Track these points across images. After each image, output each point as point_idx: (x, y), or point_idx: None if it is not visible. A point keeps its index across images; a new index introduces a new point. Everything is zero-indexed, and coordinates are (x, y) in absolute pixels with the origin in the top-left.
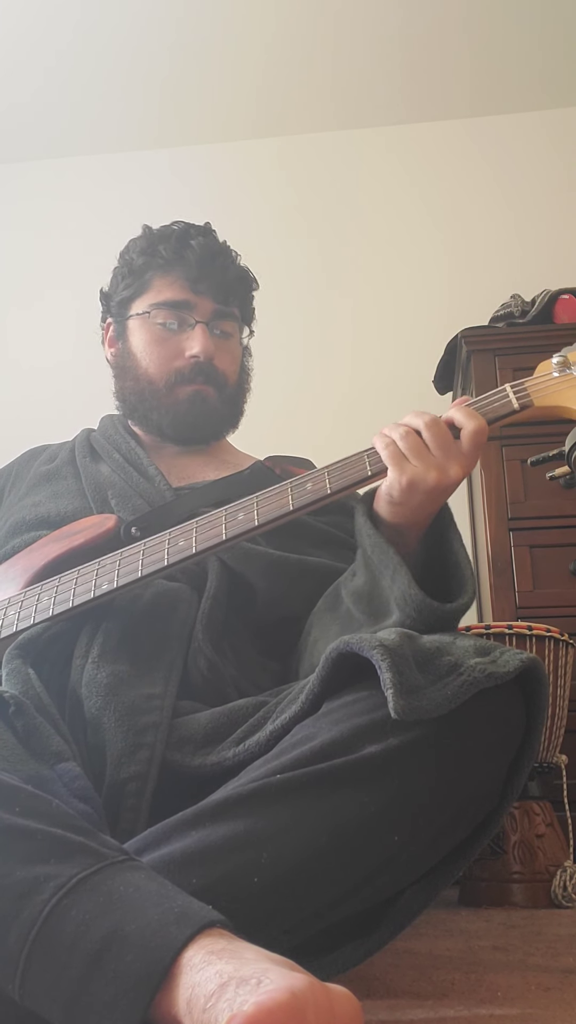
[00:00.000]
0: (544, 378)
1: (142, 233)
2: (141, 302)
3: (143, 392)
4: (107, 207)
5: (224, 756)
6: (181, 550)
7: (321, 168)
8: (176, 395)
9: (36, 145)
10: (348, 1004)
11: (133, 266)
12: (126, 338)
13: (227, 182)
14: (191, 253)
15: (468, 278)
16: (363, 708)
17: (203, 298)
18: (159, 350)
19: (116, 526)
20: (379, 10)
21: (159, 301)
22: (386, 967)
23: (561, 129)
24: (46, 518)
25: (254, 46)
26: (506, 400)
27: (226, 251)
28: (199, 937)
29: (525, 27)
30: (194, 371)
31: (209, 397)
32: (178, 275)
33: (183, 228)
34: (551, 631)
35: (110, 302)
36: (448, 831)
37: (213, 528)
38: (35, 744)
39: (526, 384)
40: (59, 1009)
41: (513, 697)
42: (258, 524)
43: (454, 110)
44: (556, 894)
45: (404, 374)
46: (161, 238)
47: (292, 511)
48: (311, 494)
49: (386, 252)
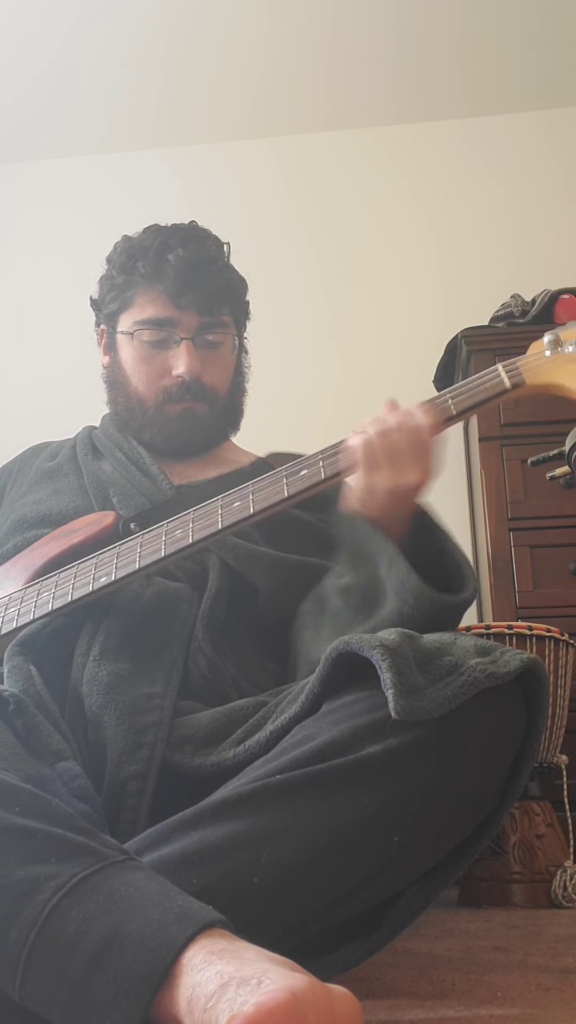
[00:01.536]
0: (536, 356)
1: (122, 244)
2: (127, 318)
3: (134, 410)
4: (105, 206)
5: (224, 756)
6: (177, 540)
7: (319, 168)
8: (166, 413)
9: (32, 145)
10: (348, 1004)
11: (114, 282)
12: (116, 351)
13: (223, 182)
14: (170, 268)
15: (468, 278)
16: (363, 708)
17: (186, 312)
18: (146, 369)
19: (115, 522)
20: (375, 10)
21: (143, 319)
22: (386, 967)
23: (558, 129)
24: (47, 516)
25: (250, 46)
26: (498, 379)
27: (208, 258)
28: (199, 937)
29: (521, 27)
30: (181, 390)
31: (199, 413)
32: (159, 291)
33: (162, 240)
34: (551, 631)
35: (100, 310)
36: (448, 831)
37: (209, 518)
38: (35, 743)
39: (518, 363)
40: (59, 1009)
41: (514, 697)
42: (253, 512)
43: (452, 110)
44: (556, 894)
45: (404, 374)
46: (140, 252)
47: (287, 497)
48: (305, 480)
49: (385, 252)
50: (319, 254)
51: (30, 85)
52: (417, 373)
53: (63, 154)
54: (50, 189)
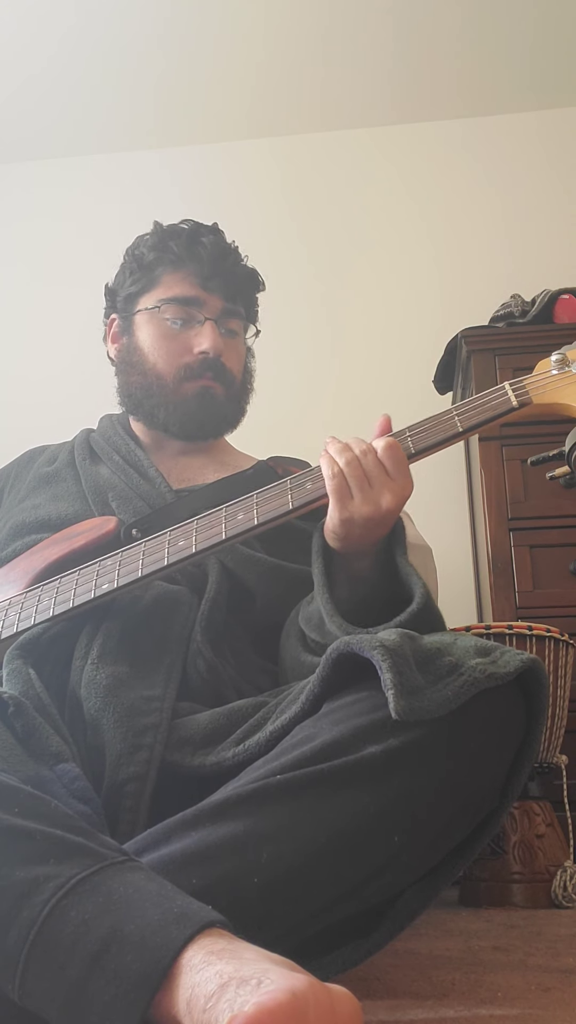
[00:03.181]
0: (543, 376)
1: (153, 229)
2: (150, 297)
3: (150, 387)
4: (103, 208)
5: (224, 756)
6: (181, 550)
7: (318, 169)
8: (184, 391)
9: (26, 146)
10: (348, 1004)
11: (143, 261)
12: (132, 333)
13: (220, 183)
14: (203, 250)
15: (468, 278)
16: (363, 708)
17: (213, 296)
18: (168, 345)
19: (116, 528)
20: (372, 11)
21: (169, 296)
22: (386, 967)
23: (556, 129)
24: (46, 521)
25: (247, 47)
26: (505, 398)
27: (235, 251)
28: (199, 937)
29: (519, 28)
30: (203, 367)
31: (217, 393)
32: (189, 272)
33: (194, 226)
34: (551, 631)
35: (115, 297)
36: (448, 831)
37: (213, 528)
38: (34, 745)
39: (525, 382)
40: (58, 1009)
41: (513, 697)
42: (257, 523)
43: (450, 110)
44: (556, 894)
45: (404, 374)
46: (172, 235)
47: (292, 510)
48: (310, 493)
49: (384, 252)
50: (317, 255)
51: (24, 85)
52: (417, 373)
53: (58, 155)
54: (44, 192)
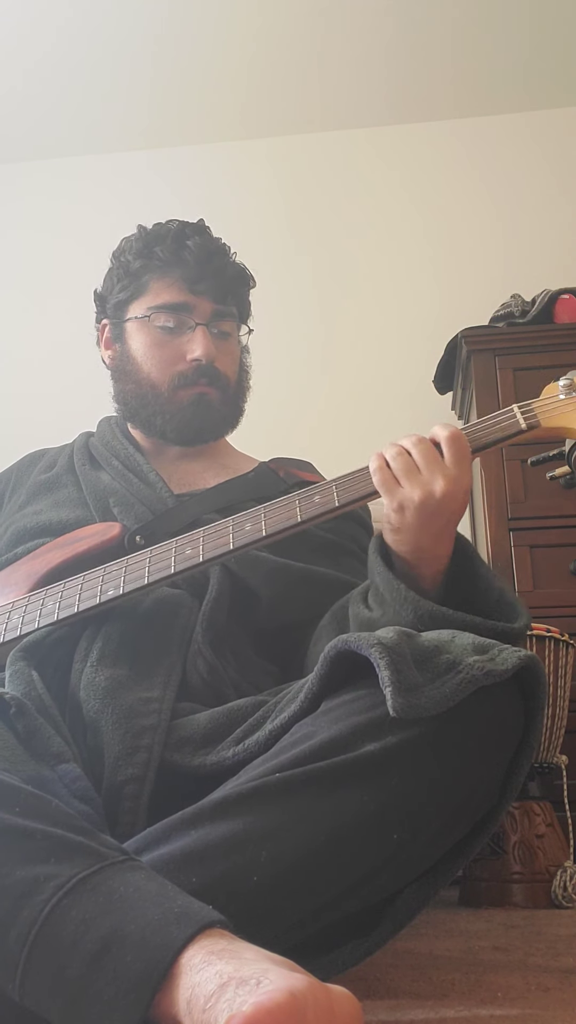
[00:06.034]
0: (551, 399)
1: (136, 233)
2: (139, 305)
3: (145, 396)
4: (100, 208)
5: (223, 756)
6: (188, 558)
7: (315, 169)
8: (179, 399)
9: (26, 146)
10: (348, 1004)
11: (129, 268)
12: (124, 341)
13: (216, 183)
14: (188, 253)
15: (467, 278)
16: (362, 706)
17: (202, 299)
18: (160, 353)
19: (120, 534)
20: (367, 11)
21: (158, 304)
22: (386, 967)
23: (554, 130)
24: (48, 527)
25: (243, 47)
26: (513, 420)
27: (222, 249)
28: (199, 937)
29: (516, 29)
30: (196, 373)
31: (212, 399)
32: (176, 276)
33: (178, 227)
34: (551, 631)
35: (105, 304)
36: (447, 829)
37: (220, 538)
38: (36, 745)
39: (533, 405)
40: (59, 1009)
41: (512, 695)
42: (265, 535)
43: (447, 110)
44: (556, 894)
45: (404, 374)
46: (157, 239)
47: (299, 523)
48: (318, 507)
49: (383, 253)
50: (315, 255)
51: (16, 84)
52: (417, 374)
53: (49, 155)
54: (34, 193)
